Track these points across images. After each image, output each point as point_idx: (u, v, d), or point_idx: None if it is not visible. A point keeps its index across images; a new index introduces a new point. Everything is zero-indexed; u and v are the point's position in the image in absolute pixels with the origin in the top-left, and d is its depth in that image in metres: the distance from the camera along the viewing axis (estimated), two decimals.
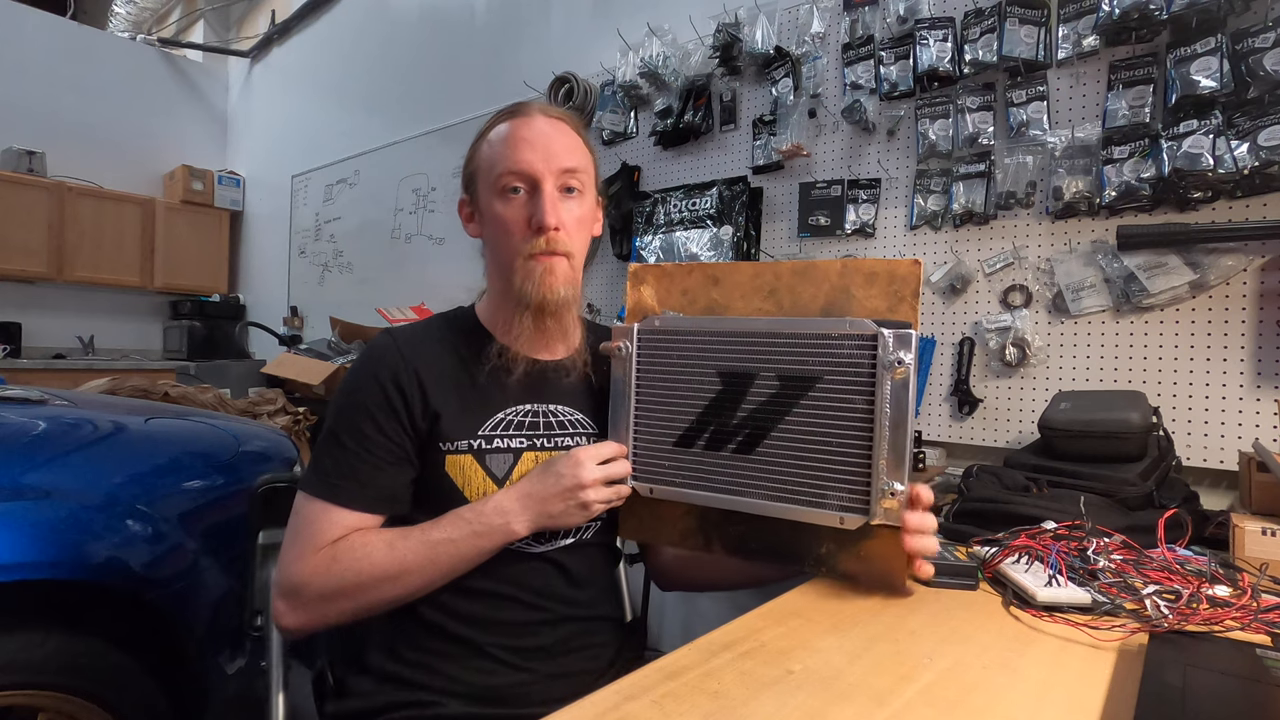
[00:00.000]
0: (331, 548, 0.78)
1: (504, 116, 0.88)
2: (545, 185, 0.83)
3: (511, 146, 0.84)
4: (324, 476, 0.81)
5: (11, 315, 4.34)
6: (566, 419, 0.89)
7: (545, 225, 0.82)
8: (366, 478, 0.80)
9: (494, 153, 0.85)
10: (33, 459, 1.15)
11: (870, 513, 0.70)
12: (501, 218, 0.84)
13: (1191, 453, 1.37)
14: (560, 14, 2.87)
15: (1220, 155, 1.31)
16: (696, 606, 1.64)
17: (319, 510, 0.80)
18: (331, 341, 3.02)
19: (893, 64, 1.78)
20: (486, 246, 0.90)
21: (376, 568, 0.76)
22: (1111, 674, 0.57)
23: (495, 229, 0.86)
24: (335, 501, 0.79)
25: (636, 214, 2.28)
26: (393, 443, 0.81)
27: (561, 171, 0.84)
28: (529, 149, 0.83)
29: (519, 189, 0.84)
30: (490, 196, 0.86)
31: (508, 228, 0.84)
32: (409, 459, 0.82)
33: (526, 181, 0.84)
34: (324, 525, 0.79)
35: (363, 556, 0.77)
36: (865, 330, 0.71)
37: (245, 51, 5.01)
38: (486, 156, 0.87)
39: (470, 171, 0.90)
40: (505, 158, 0.84)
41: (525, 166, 0.83)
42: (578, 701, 0.51)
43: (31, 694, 1.04)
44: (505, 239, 0.85)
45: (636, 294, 0.87)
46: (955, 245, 1.70)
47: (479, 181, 0.88)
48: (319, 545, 0.78)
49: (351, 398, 0.83)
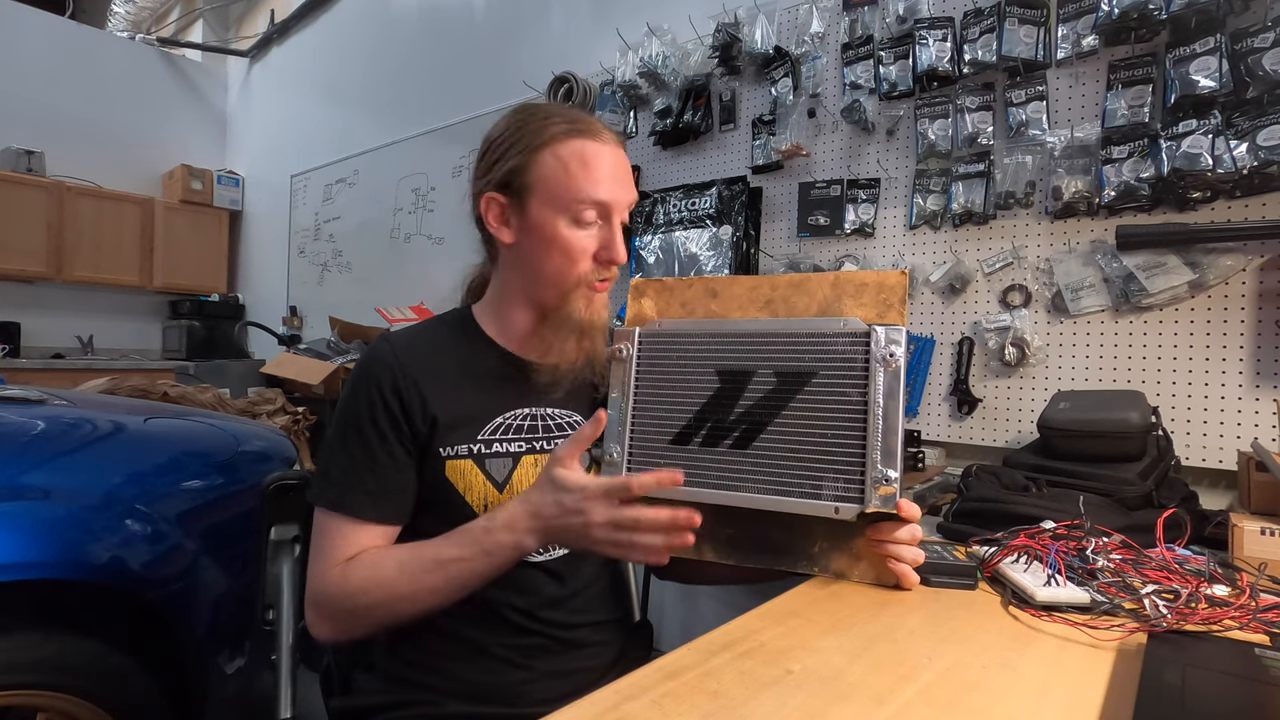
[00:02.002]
0: (345, 566, 0.78)
1: (576, 131, 0.83)
2: (615, 218, 0.84)
3: (595, 175, 0.82)
4: (333, 488, 0.81)
5: (10, 315, 4.34)
6: (564, 421, 0.89)
7: (619, 261, 0.85)
8: (375, 487, 0.80)
9: (569, 175, 0.81)
10: (32, 459, 1.15)
11: (865, 501, 0.70)
12: (570, 243, 0.83)
13: (1190, 452, 1.37)
14: (560, 14, 2.87)
15: (1219, 155, 1.32)
16: (696, 606, 1.64)
17: (334, 524, 0.80)
18: (331, 341, 3.02)
19: (892, 64, 1.78)
20: (521, 257, 0.86)
21: (387, 588, 0.76)
22: (1110, 673, 0.58)
23: (555, 251, 0.83)
24: (347, 513, 0.79)
25: (636, 214, 2.29)
26: (398, 450, 0.81)
27: (629, 205, 0.86)
28: (613, 183, 0.83)
29: (594, 220, 0.83)
30: (556, 216, 0.82)
31: (574, 255, 0.83)
32: (413, 465, 0.83)
33: (603, 213, 0.84)
34: (338, 539, 0.79)
35: (374, 576, 0.76)
36: (858, 328, 0.75)
37: (244, 51, 5.01)
38: (556, 174, 0.82)
39: (523, 180, 0.83)
40: (587, 186, 0.81)
41: (608, 201, 0.82)
42: (577, 701, 0.51)
43: (31, 694, 1.04)
44: (568, 264, 0.84)
45: (636, 306, 0.88)
46: (955, 245, 1.71)
47: (537, 194, 0.83)
48: (336, 560, 0.78)
49: (353, 408, 0.83)
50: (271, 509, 1.00)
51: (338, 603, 0.77)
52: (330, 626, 0.79)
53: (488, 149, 0.87)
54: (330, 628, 0.79)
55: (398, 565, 0.76)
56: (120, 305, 4.86)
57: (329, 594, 0.78)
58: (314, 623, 0.80)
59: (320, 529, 0.81)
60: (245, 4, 5.09)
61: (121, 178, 4.75)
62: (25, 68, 4.42)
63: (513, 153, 0.84)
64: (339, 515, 0.80)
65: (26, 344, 4.36)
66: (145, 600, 1.17)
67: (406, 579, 0.75)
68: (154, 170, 4.98)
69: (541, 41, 2.92)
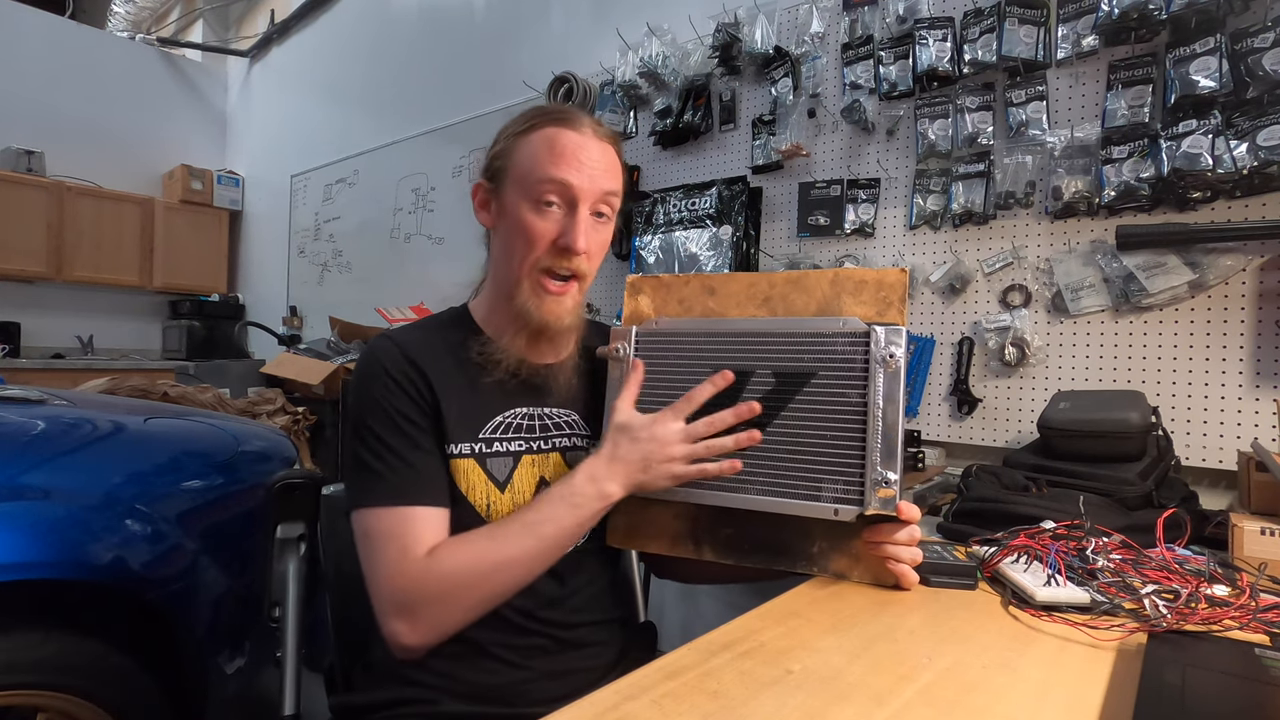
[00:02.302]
0: (428, 556, 0.75)
1: (553, 119, 0.83)
2: (581, 207, 0.81)
3: (559, 158, 0.81)
4: (384, 484, 0.78)
5: (11, 315, 4.33)
6: (563, 420, 0.89)
7: (574, 249, 0.80)
8: (425, 469, 0.79)
9: (537, 156, 0.81)
10: (32, 459, 1.15)
11: (865, 503, 0.70)
12: (528, 227, 0.81)
13: (1190, 452, 1.37)
14: (560, 14, 2.87)
15: (1219, 155, 1.32)
16: (696, 606, 1.65)
17: (394, 520, 0.76)
18: (331, 341, 3.02)
19: (892, 64, 1.78)
20: (496, 241, 0.88)
21: (483, 561, 0.74)
22: (1110, 673, 0.58)
23: (517, 234, 0.83)
24: (409, 503, 0.77)
25: (636, 214, 2.28)
26: (428, 432, 0.81)
27: (600, 196, 0.83)
28: (576, 166, 0.81)
29: (554, 203, 0.81)
30: (520, 199, 0.82)
31: (532, 239, 0.82)
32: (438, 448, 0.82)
33: (564, 198, 0.81)
34: (408, 531, 0.76)
35: (466, 554, 0.75)
36: (858, 328, 0.74)
37: (244, 51, 5.01)
38: (527, 156, 0.82)
39: (501, 164, 0.85)
40: (549, 166, 0.80)
41: (569, 183, 0.80)
42: (577, 701, 0.51)
43: (31, 694, 1.04)
44: (525, 248, 0.82)
45: (634, 304, 0.87)
46: (954, 245, 1.71)
47: (509, 177, 0.84)
48: (413, 553, 0.75)
49: (370, 401, 0.81)
50: (277, 507, 1.01)
51: (431, 592, 0.74)
52: (423, 627, 0.75)
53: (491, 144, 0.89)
54: (423, 628, 0.75)
55: (488, 536, 0.75)
56: (120, 305, 4.86)
57: (417, 588, 0.74)
58: (400, 630, 0.74)
59: (376, 532, 0.77)
60: (245, 4, 5.09)
61: (121, 178, 4.75)
62: (25, 68, 4.42)
63: (500, 140, 0.87)
64: (395, 508, 0.77)
65: (26, 344, 4.36)
66: (145, 600, 1.17)
67: (498, 547, 0.74)
68: (154, 170, 4.98)
69: (541, 41, 2.92)
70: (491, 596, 0.76)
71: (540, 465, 0.86)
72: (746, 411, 0.74)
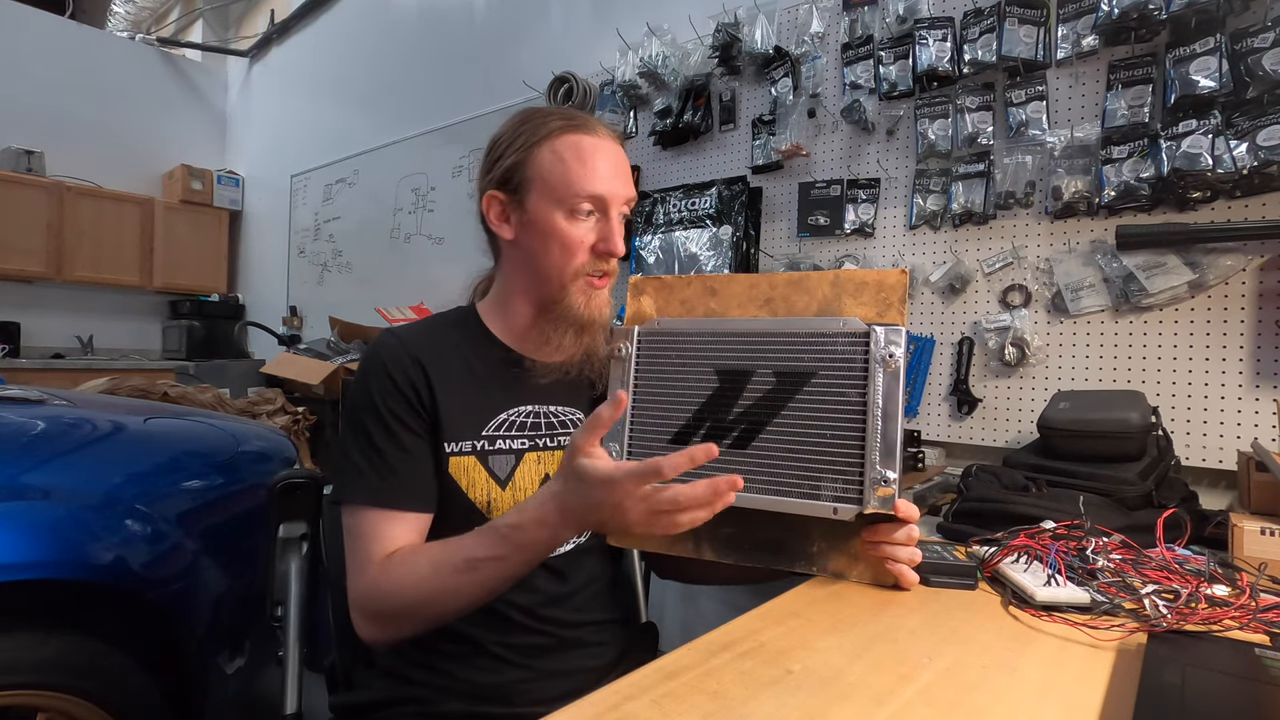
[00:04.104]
0: (382, 564, 0.76)
1: (571, 126, 0.85)
2: (613, 212, 0.85)
3: (591, 169, 0.83)
4: (361, 482, 0.79)
5: (10, 315, 4.33)
6: (567, 418, 0.90)
7: (617, 253, 0.85)
8: (406, 474, 0.80)
9: (565, 168, 0.83)
10: (32, 459, 1.15)
11: (864, 502, 0.70)
12: (568, 236, 0.83)
13: (1190, 452, 1.37)
14: (560, 14, 2.87)
15: (1219, 155, 1.32)
16: (696, 606, 1.65)
17: (366, 521, 0.78)
18: (331, 341, 3.02)
19: (892, 64, 1.78)
20: (519, 252, 0.88)
21: (421, 590, 0.74)
22: (1110, 673, 0.58)
23: (554, 244, 0.84)
24: (381, 506, 0.78)
25: (636, 214, 2.29)
26: (419, 436, 0.81)
27: (626, 199, 0.86)
28: (609, 175, 0.84)
29: (591, 211, 0.84)
30: (552, 210, 0.83)
31: (572, 247, 0.84)
32: (430, 453, 0.82)
33: (599, 206, 0.84)
34: (373, 536, 0.78)
35: (409, 575, 0.75)
36: (858, 328, 0.75)
37: (244, 51, 5.01)
38: (553, 168, 0.83)
39: (521, 175, 0.85)
40: (583, 179, 0.83)
41: (605, 194, 0.83)
42: (577, 701, 0.51)
43: (31, 694, 1.04)
44: (566, 257, 0.84)
45: (636, 304, 0.88)
46: (954, 245, 1.71)
47: (535, 189, 0.84)
48: (374, 558, 0.77)
49: (367, 399, 0.82)
50: (280, 507, 1.01)
51: (379, 603, 0.76)
52: (377, 629, 0.77)
53: (490, 149, 0.89)
54: (377, 630, 0.77)
55: (431, 565, 0.74)
56: (120, 305, 4.86)
57: (369, 595, 0.76)
58: (359, 626, 0.77)
59: (353, 529, 0.79)
60: (245, 4, 5.09)
61: (121, 178, 4.75)
62: (25, 68, 4.42)
63: (512, 150, 0.86)
64: (372, 509, 0.78)
65: (26, 344, 4.36)
66: (145, 600, 1.17)
67: (439, 579, 0.73)
68: (154, 170, 4.98)
69: (541, 41, 2.92)
70: (437, 618, 0.76)
71: (546, 463, 0.87)
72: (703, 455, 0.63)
